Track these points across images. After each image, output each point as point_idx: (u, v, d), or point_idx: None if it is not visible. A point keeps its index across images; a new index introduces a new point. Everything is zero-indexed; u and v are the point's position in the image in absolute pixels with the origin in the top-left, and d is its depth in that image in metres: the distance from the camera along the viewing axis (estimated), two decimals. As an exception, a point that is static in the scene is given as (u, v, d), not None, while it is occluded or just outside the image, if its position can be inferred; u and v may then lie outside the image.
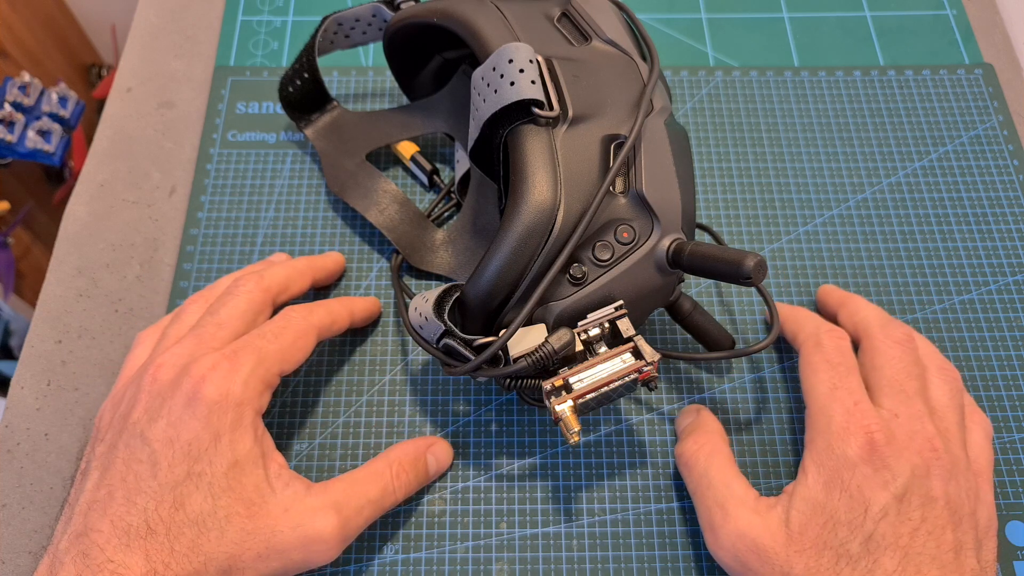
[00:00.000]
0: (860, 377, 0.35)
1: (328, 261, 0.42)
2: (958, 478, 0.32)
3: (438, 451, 0.37)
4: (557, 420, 0.31)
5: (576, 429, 0.31)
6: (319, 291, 0.43)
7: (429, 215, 0.45)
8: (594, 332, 0.32)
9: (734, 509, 0.33)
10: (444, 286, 0.34)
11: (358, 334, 0.42)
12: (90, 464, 0.32)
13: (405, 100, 0.49)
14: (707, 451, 0.35)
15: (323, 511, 0.32)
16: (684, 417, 0.39)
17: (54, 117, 0.85)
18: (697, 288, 0.43)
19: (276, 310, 0.37)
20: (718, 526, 0.33)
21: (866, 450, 0.31)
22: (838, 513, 0.31)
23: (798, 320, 0.39)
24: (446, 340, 0.33)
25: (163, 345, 0.35)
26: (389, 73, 0.51)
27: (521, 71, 0.33)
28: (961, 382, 0.36)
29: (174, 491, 0.30)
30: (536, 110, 0.33)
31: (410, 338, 0.39)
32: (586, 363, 0.32)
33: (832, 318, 0.40)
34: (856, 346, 0.37)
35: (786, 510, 0.32)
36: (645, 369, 0.32)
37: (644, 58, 0.37)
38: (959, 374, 0.36)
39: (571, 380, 0.31)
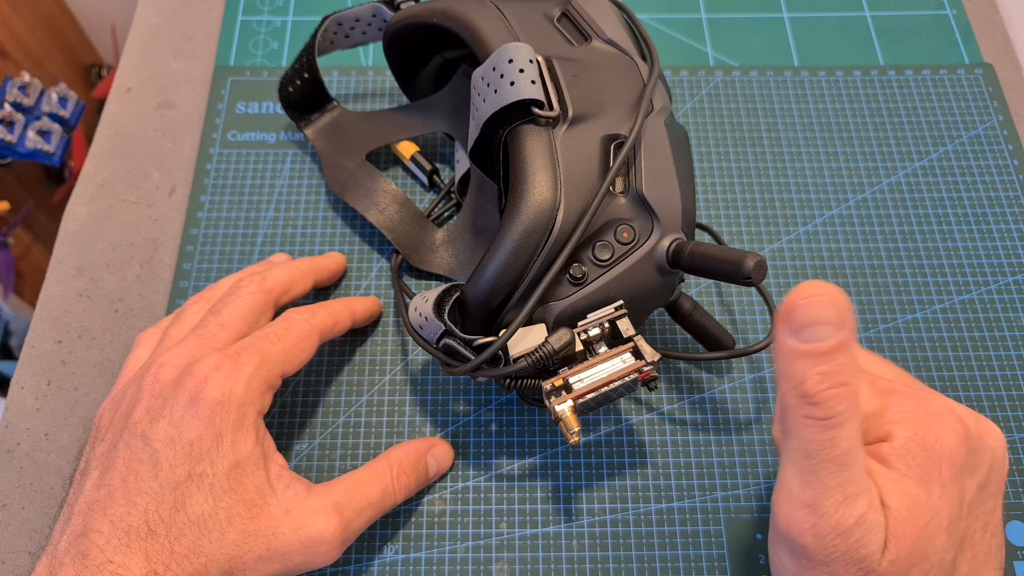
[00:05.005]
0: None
1: (330, 262, 0.42)
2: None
3: (439, 452, 0.37)
4: (557, 420, 0.31)
5: (576, 429, 0.31)
6: (320, 292, 0.43)
7: (429, 215, 0.45)
8: (594, 332, 0.32)
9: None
10: (444, 286, 0.34)
11: (358, 334, 0.42)
12: (90, 464, 0.32)
13: (405, 100, 0.49)
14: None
15: (324, 513, 0.32)
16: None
17: (54, 117, 0.85)
18: (697, 288, 0.43)
19: (278, 312, 0.37)
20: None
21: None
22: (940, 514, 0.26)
23: None
24: (446, 340, 0.33)
25: (164, 345, 0.35)
26: (389, 73, 0.50)
27: (521, 71, 0.33)
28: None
29: (175, 492, 0.30)
30: (536, 110, 0.33)
31: (410, 338, 0.39)
32: (586, 363, 0.32)
33: None
34: None
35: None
36: (645, 369, 0.32)
37: (644, 58, 0.37)
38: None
39: (571, 380, 0.31)
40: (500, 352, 0.32)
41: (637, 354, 0.32)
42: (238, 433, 0.31)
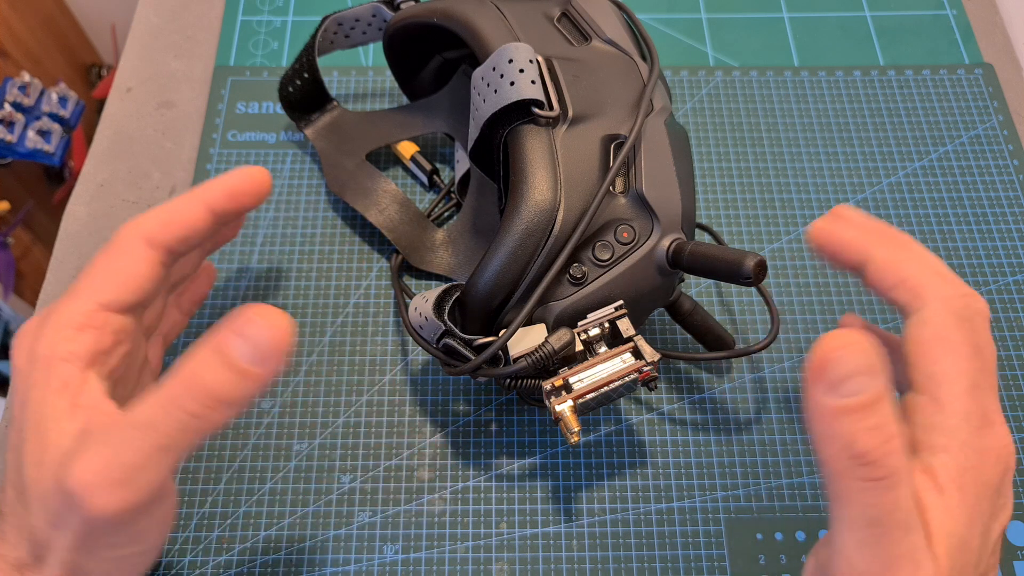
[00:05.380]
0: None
1: (227, 176, 0.33)
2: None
3: (247, 326, 0.25)
4: (557, 420, 0.31)
5: (576, 429, 0.31)
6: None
7: (429, 215, 0.45)
8: (594, 332, 0.32)
9: None
10: (444, 286, 0.34)
11: (358, 335, 0.42)
12: None
13: (405, 100, 0.49)
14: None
15: (83, 459, 0.25)
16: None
17: (54, 117, 0.85)
18: (697, 288, 0.43)
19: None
20: None
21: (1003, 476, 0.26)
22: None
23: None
24: (446, 340, 0.33)
25: None
26: (389, 73, 0.50)
27: (521, 71, 0.33)
28: None
29: (9, 470, 0.29)
30: (536, 110, 0.33)
31: (410, 338, 0.39)
32: (586, 363, 0.32)
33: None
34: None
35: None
36: (645, 369, 0.32)
37: (644, 58, 0.37)
38: None
39: (571, 380, 0.31)
40: (500, 352, 0.32)
41: (637, 354, 0.32)
42: (39, 392, 0.28)
